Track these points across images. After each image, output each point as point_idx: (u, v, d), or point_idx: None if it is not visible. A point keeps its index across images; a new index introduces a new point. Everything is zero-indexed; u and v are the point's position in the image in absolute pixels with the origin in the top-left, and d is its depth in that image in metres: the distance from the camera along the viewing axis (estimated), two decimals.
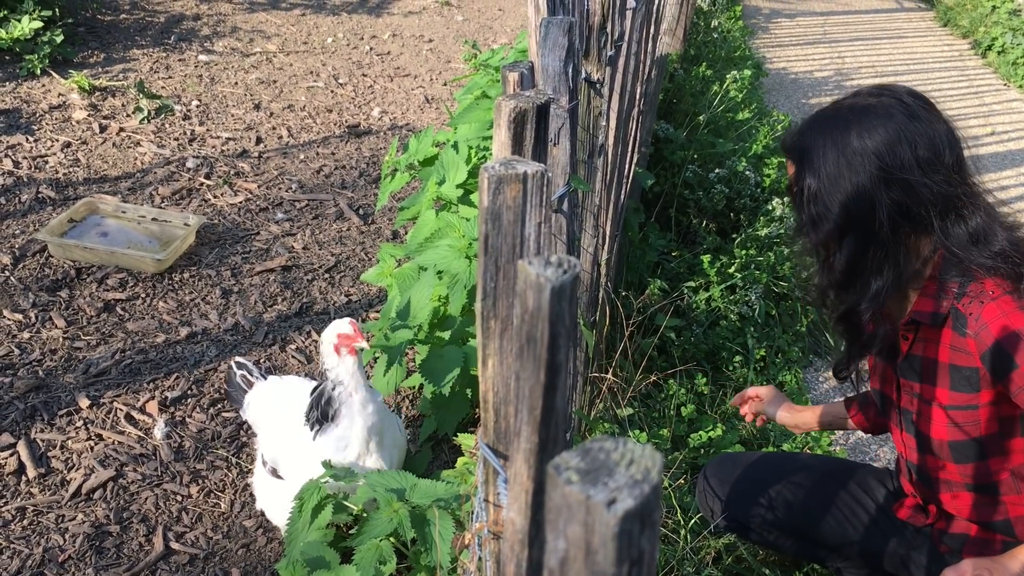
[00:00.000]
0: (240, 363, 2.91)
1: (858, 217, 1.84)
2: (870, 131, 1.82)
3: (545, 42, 1.55)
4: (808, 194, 1.88)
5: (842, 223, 1.86)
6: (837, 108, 1.90)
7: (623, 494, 0.52)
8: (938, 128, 1.85)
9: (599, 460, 0.55)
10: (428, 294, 2.82)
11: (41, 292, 3.73)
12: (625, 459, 0.55)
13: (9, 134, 4.89)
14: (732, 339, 3.71)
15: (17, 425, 3.09)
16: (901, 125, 1.82)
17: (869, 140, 1.82)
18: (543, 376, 0.74)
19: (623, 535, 0.52)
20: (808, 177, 1.88)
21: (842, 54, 8.14)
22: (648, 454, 0.55)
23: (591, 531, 0.53)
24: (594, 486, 0.53)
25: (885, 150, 1.81)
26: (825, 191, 1.86)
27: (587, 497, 0.52)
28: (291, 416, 2.62)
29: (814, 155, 1.87)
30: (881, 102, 1.86)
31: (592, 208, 2.50)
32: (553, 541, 0.55)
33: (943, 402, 1.94)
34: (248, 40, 6.65)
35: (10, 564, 2.62)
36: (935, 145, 1.83)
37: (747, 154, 4.77)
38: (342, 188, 4.84)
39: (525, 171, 0.91)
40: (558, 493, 0.54)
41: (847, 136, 1.84)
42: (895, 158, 1.81)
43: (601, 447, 0.56)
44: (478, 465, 1.11)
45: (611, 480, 0.53)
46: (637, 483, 0.53)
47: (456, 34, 7.37)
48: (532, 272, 0.71)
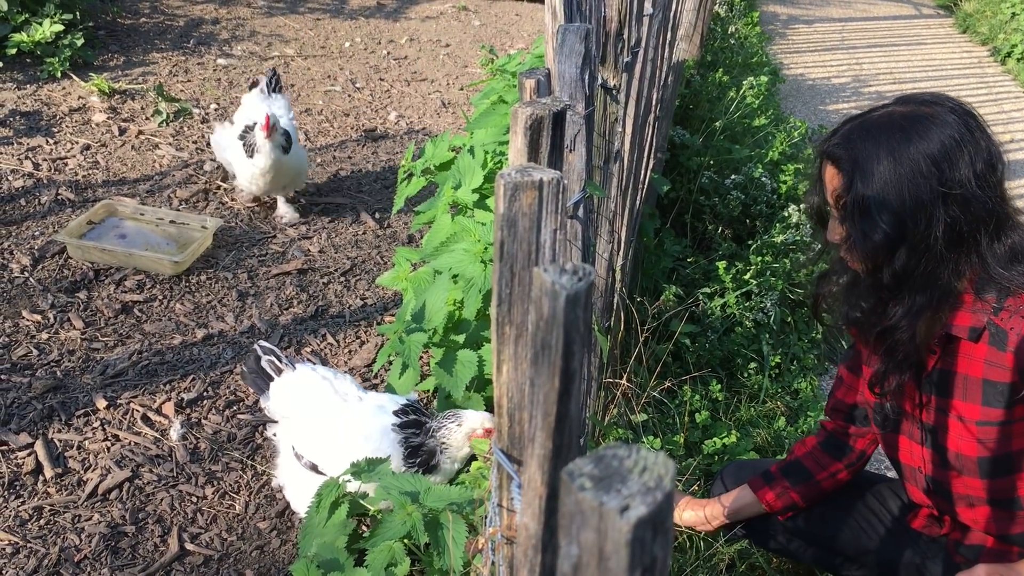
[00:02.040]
0: (266, 347, 2.79)
1: (913, 230, 1.78)
2: (928, 141, 1.76)
3: (562, 49, 1.55)
4: (859, 205, 1.81)
5: (895, 236, 1.79)
6: (889, 116, 1.82)
7: (636, 501, 0.53)
8: (991, 142, 1.81)
9: (612, 467, 0.55)
10: (443, 298, 2.83)
11: (60, 293, 3.77)
12: (638, 466, 0.55)
13: (30, 136, 4.94)
14: (747, 346, 3.70)
15: (35, 425, 3.12)
16: (959, 137, 1.76)
17: (928, 151, 1.75)
18: (557, 383, 0.75)
19: (636, 542, 0.53)
20: (860, 186, 1.80)
21: (860, 60, 8.11)
22: (661, 461, 0.56)
23: (604, 537, 0.53)
24: (607, 493, 0.54)
25: (945, 163, 1.75)
26: (878, 202, 1.78)
27: (600, 504, 0.53)
28: (344, 416, 2.61)
29: (867, 164, 1.79)
30: (935, 112, 1.80)
31: (608, 214, 2.50)
32: (566, 547, 0.55)
33: (973, 417, 1.91)
34: (266, 44, 6.69)
35: (27, 563, 2.65)
36: (991, 159, 1.79)
37: (763, 160, 4.77)
38: (358, 192, 4.86)
39: (541, 178, 0.92)
40: (572, 499, 0.54)
41: (905, 146, 1.76)
42: (954, 171, 1.75)
43: (615, 454, 0.56)
44: (492, 470, 1.12)
45: (624, 487, 0.54)
46: (650, 490, 0.53)
47: (473, 39, 7.39)
48: (547, 279, 0.72)
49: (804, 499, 2.34)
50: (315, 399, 2.65)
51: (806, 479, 2.33)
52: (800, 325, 3.91)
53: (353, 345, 3.70)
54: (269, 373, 2.74)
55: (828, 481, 2.33)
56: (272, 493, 2.97)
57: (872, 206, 1.80)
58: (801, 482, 2.33)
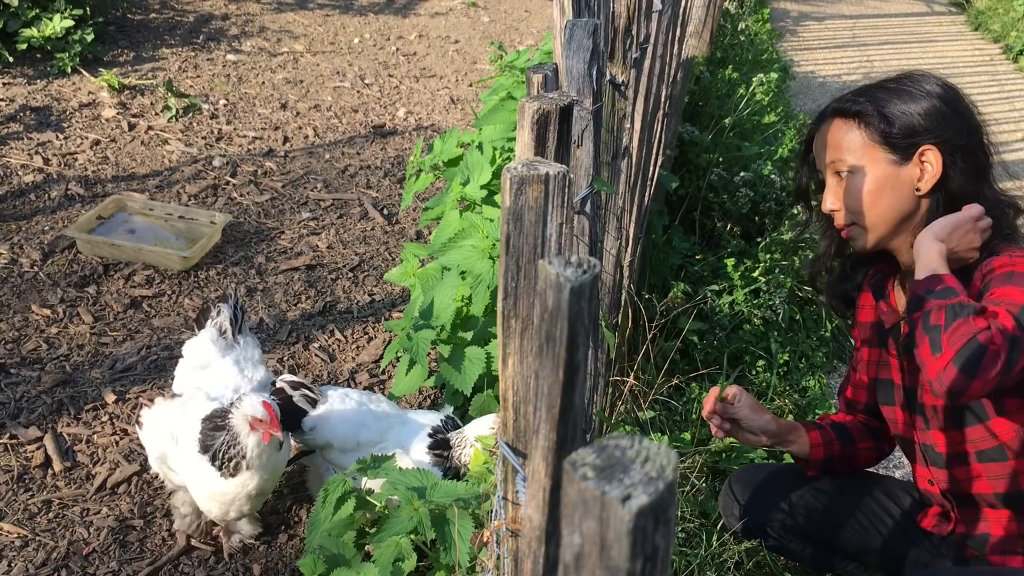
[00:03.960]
0: (294, 382, 2.71)
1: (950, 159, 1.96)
2: (932, 92, 2.00)
3: (570, 44, 1.55)
4: (906, 131, 1.96)
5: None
6: (884, 81, 2.07)
7: (638, 491, 0.53)
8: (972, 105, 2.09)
9: (615, 457, 0.55)
10: (451, 294, 2.83)
11: (69, 288, 3.78)
12: (640, 456, 0.55)
13: (40, 131, 4.96)
14: (755, 343, 3.69)
15: (44, 419, 3.14)
16: (954, 94, 2.04)
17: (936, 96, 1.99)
18: (561, 374, 0.75)
19: (637, 531, 0.53)
20: (895, 120, 1.97)
21: (871, 58, 8.08)
22: (663, 452, 0.56)
23: (606, 526, 0.53)
24: (609, 482, 0.54)
25: (954, 104, 2.01)
26: (919, 128, 1.96)
27: (602, 493, 0.53)
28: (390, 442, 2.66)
29: (894, 104, 1.98)
30: (925, 75, 2.07)
31: (615, 210, 2.50)
32: (568, 536, 0.56)
33: None
34: (276, 40, 6.70)
35: (35, 556, 2.66)
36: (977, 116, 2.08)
37: (773, 157, 4.75)
38: (367, 188, 4.86)
39: (547, 172, 0.92)
40: (574, 489, 0.54)
41: (920, 86, 2.02)
42: (962, 108, 2.03)
43: (617, 444, 0.56)
44: (497, 464, 1.12)
45: (626, 477, 0.54)
46: (652, 480, 0.53)
47: (482, 35, 7.38)
48: (552, 271, 0.72)
49: (841, 457, 2.30)
50: (356, 427, 2.64)
51: (849, 440, 2.33)
52: (809, 323, 3.90)
53: (361, 341, 3.70)
54: (303, 408, 2.68)
55: (864, 453, 2.34)
56: (280, 488, 2.97)
57: (903, 134, 1.96)
58: (844, 440, 2.32)
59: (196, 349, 2.72)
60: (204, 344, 2.70)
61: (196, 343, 2.73)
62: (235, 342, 2.70)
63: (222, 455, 2.42)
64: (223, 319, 2.69)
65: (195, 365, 2.72)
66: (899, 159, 1.97)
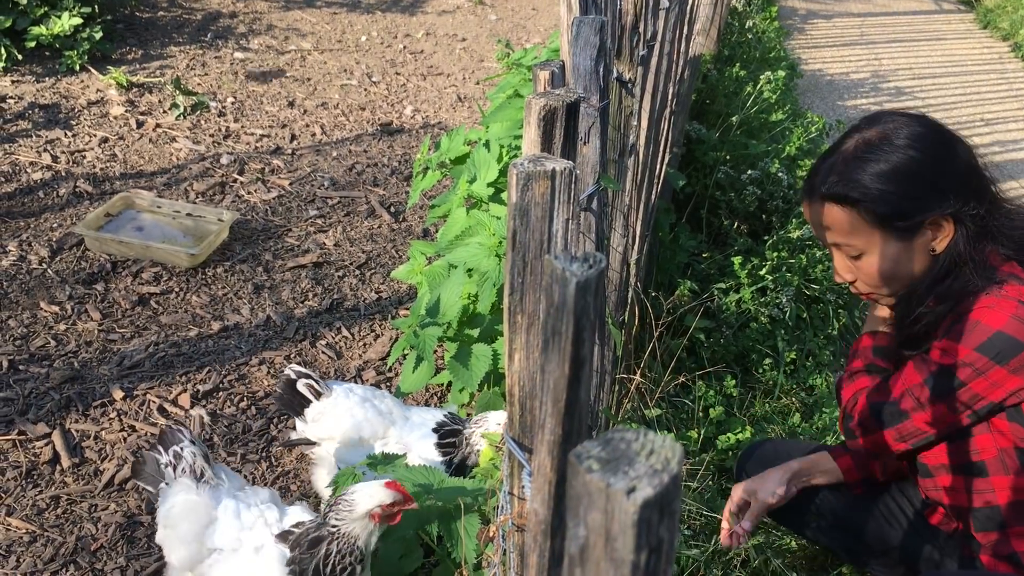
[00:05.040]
0: (300, 371, 2.65)
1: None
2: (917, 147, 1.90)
3: (576, 41, 1.55)
4: (892, 216, 1.89)
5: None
6: (866, 141, 1.93)
7: (643, 483, 0.53)
8: (959, 137, 1.98)
9: (620, 450, 0.56)
10: (458, 292, 2.84)
11: (77, 285, 3.80)
12: (645, 449, 0.56)
13: (48, 129, 4.98)
14: (762, 341, 3.69)
15: (52, 415, 3.15)
16: (941, 139, 1.93)
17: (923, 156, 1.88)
18: (567, 369, 0.75)
19: (642, 523, 0.53)
20: (881, 205, 1.90)
21: (879, 56, 8.06)
22: (668, 445, 0.56)
23: (611, 518, 0.54)
24: (614, 475, 0.54)
25: (945, 162, 1.90)
26: (905, 212, 1.89)
27: (607, 485, 0.53)
28: (392, 439, 2.62)
29: (876, 184, 1.89)
30: (902, 122, 1.94)
31: (622, 207, 2.50)
32: (574, 528, 0.56)
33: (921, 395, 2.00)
34: (283, 38, 6.71)
35: (44, 552, 2.67)
36: (967, 148, 1.97)
37: (780, 156, 4.74)
38: (374, 185, 4.87)
39: (553, 168, 0.92)
40: (579, 481, 0.55)
41: (902, 153, 1.89)
42: (952, 164, 1.91)
43: (622, 437, 0.57)
44: (504, 459, 1.12)
45: (631, 469, 0.54)
46: (657, 472, 0.54)
47: (489, 33, 7.39)
48: (558, 266, 0.72)
49: (883, 470, 2.34)
50: (359, 422, 2.62)
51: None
52: (816, 321, 3.90)
53: (368, 338, 3.71)
54: (306, 397, 2.65)
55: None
56: (287, 484, 2.99)
57: (903, 215, 1.87)
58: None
59: (181, 512, 2.18)
60: (188, 501, 2.19)
61: (175, 507, 2.19)
62: (216, 477, 2.24)
63: (332, 570, 2.03)
64: (192, 460, 2.23)
65: (194, 532, 2.17)
66: (907, 235, 1.90)
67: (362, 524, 2.03)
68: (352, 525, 2.03)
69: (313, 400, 2.65)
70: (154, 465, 2.27)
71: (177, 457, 2.23)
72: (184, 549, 2.16)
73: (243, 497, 2.22)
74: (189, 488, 2.19)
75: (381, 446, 2.61)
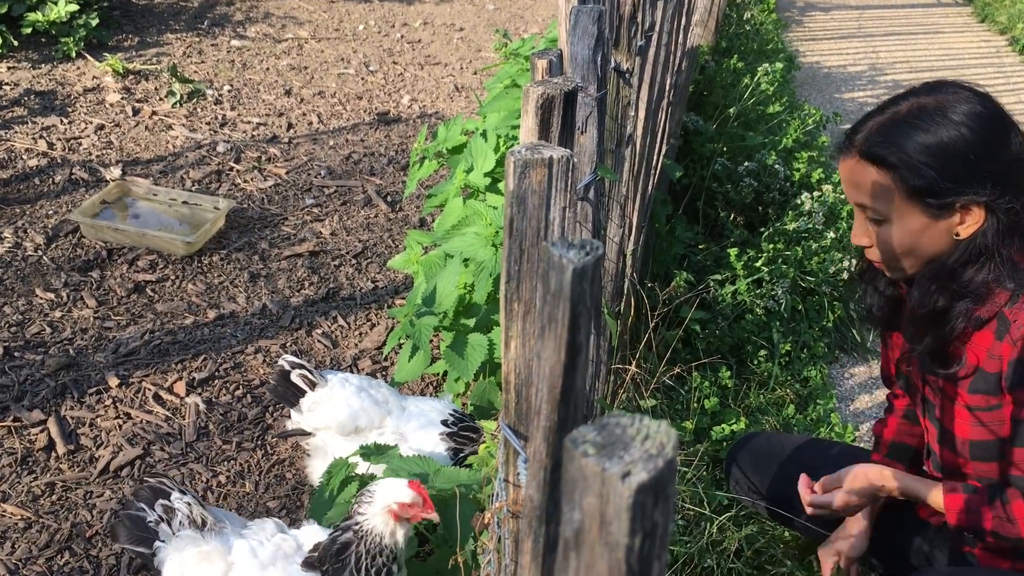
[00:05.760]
0: (294, 361, 2.65)
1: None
2: (967, 125, 1.81)
3: (575, 30, 1.55)
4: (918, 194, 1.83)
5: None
6: (920, 106, 1.85)
7: (638, 467, 0.53)
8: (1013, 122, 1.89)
9: (615, 435, 0.56)
10: (454, 281, 2.84)
11: (73, 272, 3.79)
12: (641, 434, 0.56)
13: (44, 115, 4.96)
14: (757, 333, 3.70)
15: (47, 402, 3.15)
16: (993, 117, 1.83)
17: (968, 136, 1.80)
18: (563, 355, 0.76)
19: (637, 507, 0.53)
20: (914, 178, 1.83)
21: (877, 49, 8.05)
22: (663, 430, 0.56)
23: (606, 502, 0.54)
24: (610, 459, 0.54)
25: (990, 143, 1.81)
26: (934, 191, 1.82)
27: (603, 469, 0.54)
28: (388, 429, 2.62)
29: (917, 155, 1.82)
30: (962, 96, 1.85)
31: (619, 198, 2.50)
32: (569, 512, 0.56)
33: (965, 402, 1.94)
34: (280, 26, 6.69)
35: (39, 538, 2.68)
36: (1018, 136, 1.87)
37: (777, 147, 4.74)
38: (371, 175, 4.87)
39: (551, 156, 0.92)
40: (574, 465, 0.55)
41: (948, 130, 1.80)
42: (1000, 149, 1.82)
43: (618, 422, 0.57)
44: (499, 446, 1.13)
45: (626, 454, 0.54)
46: (652, 457, 0.54)
47: (487, 23, 7.37)
48: (555, 253, 0.72)
49: (923, 472, 2.31)
50: (355, 412, 2.62)
51: (911, 456, 2.32)
52: (811, 313, 3.90)
53: (364, 328, 3.71)
54: (301, 387, 2.63)
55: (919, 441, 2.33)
56: (282, 472, 2.99)
57: (936, 193, 1.81)
58: (909, 459, 2.32)
59: (195, 568, 2.05)
60: (199, 554, 2.05)
61: (186, 564, 2.05)
62: (218, 521, 2.14)
63: (366, 573, 1.93)
64: (189, 510, 2.10)
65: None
66: (936, 212, 1.84)
67: (383, 520, 1.95)
68: (373, 520, 1.94)
69: (308, 390, 2.65)
70: (139, 524, 2.08)
71: (168, 511, 2.08)
72: None
73: (251, 534, 2.10)
74: (195, 539, 2.05)
75: (377, 436, 2.61)
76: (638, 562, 0.54)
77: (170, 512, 2.08)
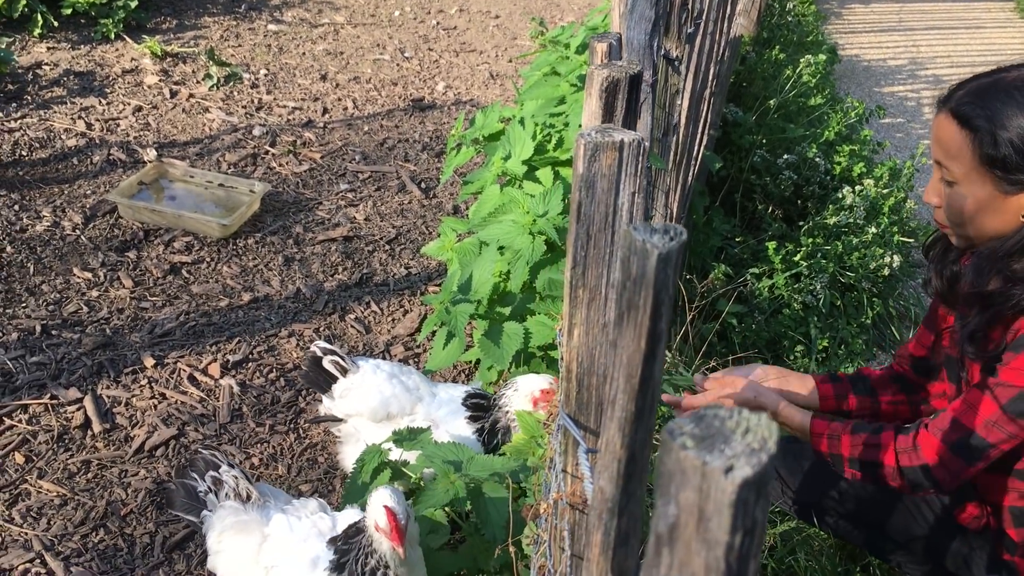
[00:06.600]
0: (325, 348, 2.64)
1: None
2: None
3: (631, 14, 1.52)
4: (992, 163, 1.79)
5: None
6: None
7: (740, 462, 0.51)
8: None
9: (714, 427, 0.53)
10: (490, 269, 2.82)
11: (110, 252, 3.81)
12: (741, 427, 0.53)
13: (83, 96, 4.99)
14: (795, 328, 3.65)
15: (84, 381, 3.16)
16: None
17: None
18: (643, 344, 0.73)
19: (739, 503, 0.51)
20: (993, 146, 1.79)
21: (917, 43, 7.93)
22: (764, 423, 0.54)
23: (706, 497, 0.51)
24: (710, 452, 0.52)
25: None
26: (1013, 164, 1.78)
27: (703, 463, 0.51)
28: (420, 415, 2.62)
29: (1008, 122, 1.77)
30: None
31: (664, 187, 2.47)
32: (663, 507, 0.54)
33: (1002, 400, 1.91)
34: (317, 11, 6.69)
35: (74, 515, 2.69)
36: None
37: (818, 140, 4.68)
38: (405, 161, 4.85)
39: (622, 139, 0.90)
40: (672, 458, 0.53)
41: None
42: None
43: (716, 414, 0.54)
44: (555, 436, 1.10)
45: (728, 447, 0.52)
46: (754, 452, 0.52)
47: (523, 11, 7.32)
48: (638, 238, 0.70)
49: (859, 411, 2.30)
50: (387, 398, 2.61)
51: (869, 393, 2.30)
52: (849, 309, 3.85)
53: (396, 314, 3.70)
54: (333, 373, 2.63)
55: (889, 406, 2.30)
56: (315, 456, 2.99)
57: (1007, 167, 1.77)
58: (863, 393, 2.30)
59: (233, 535, 2.14)
60: (238, 523, 2.14)
61: (226, 531, 2.14)
62: (262, 496, 2.21)
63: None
64: (235, 484, 2.19)
65: (249, 553, 2.12)
66: (1006, 187, 1.80)
67: (377, 536, 1.96)
68: (371, 535, 1.96)
69: (339, 377, 2.64)
70: (191, 493, 2.19)
71: (216, 483, 2.17)
72: (240, 571, 2.09)
73: (292, 511, 2.15)
74: (238, 510, 2.13)
75: (409, 422, 2.59)
76: (737, 560, 0.52)
77: (218, 484, 2.16)
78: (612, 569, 0.83)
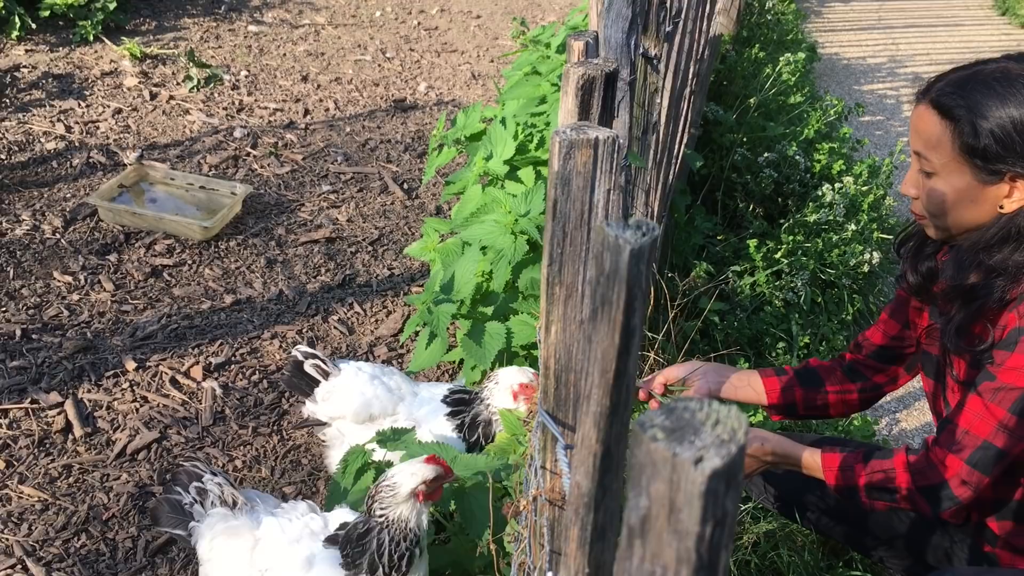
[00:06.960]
0: (307, 352, 2.64)
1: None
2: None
3: (608, 12, 1.53)
4: (971, 153, 1.80)
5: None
6: (1006, 71, 1.82)
7: (710, 453, 0.51)
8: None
9: (684, 419, 0.54)
10: (472, 269, 2.82)
11: (91, 255, 3.79)
12: (711, 419, 0.54)
13: (62, 99, 4.95)
14: (776, 325, 3.67)
15: (65, 385, 3.15)
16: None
17: None
18: (617, 339, 0.74)
19: (709, 494, 0.51)
20: (972, 137, 1.79)
21: (896, 41, 7.98)
22: (734, 415, 0.54)
23: (676, 489, 0.52)
24: (680, 444, 0.52)
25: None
26: (991, 155, 1.78)
27: (673, 454, 0.52)
28: (402, 415, 2.61)
29: (986, 113, 1.78)
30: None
31: (643, 186, 2.48)
32: (635, 499, 0.54)
33: None
34: (297, 12, 6.67)
35: (56, 520, 2.68)
36: None
37: (798, 138, 4.70)
38: (387, 162, 4.84)
39: (596, 136, 0.90)
40: (643, 450, 0.53)
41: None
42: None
43: (686, 407, 0.55)
44: (534, 432, 1.11)
45: (697, 439, 0.52)
46: (724, 443, 0.52)
47: (504, 11, 7.33)
48: (611, 234, 0.70)
49: (805, 404, 2.29)
50: (369, 400, 2.60)
51: (816, 384, 2.30)
52: (830, 306, 3.87)
53: (380, 315, 3.70)
54: (315, 377, 2.62)
55: (836, 396, 2.29)
56: (298, 458, 2.98)
57: (986, 157, 1.78)
58: (810, 385, 2.29)
59: (224, 541, 2.09)
60: (229, 528, 2.11)
61: (216, 538, 2.10)
62: (250, 501, 2.17)
63: (388, 558, 1.93)
64: (220, 491, 2.15)
65: (242, 558, 2.08)
66: (984, 177, 1.81)
67: (409, 506, 1.94)
68: (399, 509, 1.93)
69: (321, 380, 2.63)
70: (176, 508, 2.15)
71: (201, 493, 2.15)
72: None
73: (282, 513, 2.13)
74: (226, 516, 2.11)
75: (391, 423, 2.59)
76: (708, 551, 0.52)
77: (203, 494, 2.13)
78: (589, 563, 0.84)
